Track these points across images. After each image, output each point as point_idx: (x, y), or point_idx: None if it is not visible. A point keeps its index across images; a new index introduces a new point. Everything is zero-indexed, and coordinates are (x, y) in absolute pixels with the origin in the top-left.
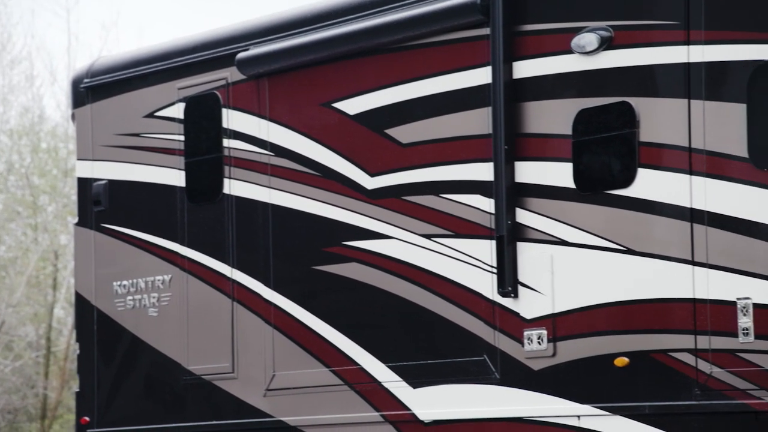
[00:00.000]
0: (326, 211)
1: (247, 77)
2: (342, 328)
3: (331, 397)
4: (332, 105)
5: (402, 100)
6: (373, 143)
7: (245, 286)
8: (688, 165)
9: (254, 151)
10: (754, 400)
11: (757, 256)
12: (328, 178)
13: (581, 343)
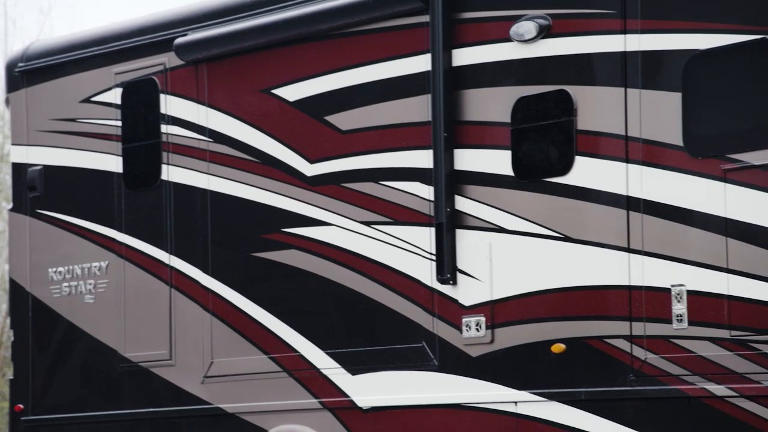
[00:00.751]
0: (265, 198)
1: (185, 63)
2: (281, 315)
3: (269, 384)
4: (272, 91)
5: (342, 86)
6: (313, 130)
7: (183, 272)
8: (624, 153)
9: (193, 137)
10: (687, 386)
11: (691, 244)
12: (267, 165)
13: (519, 329)
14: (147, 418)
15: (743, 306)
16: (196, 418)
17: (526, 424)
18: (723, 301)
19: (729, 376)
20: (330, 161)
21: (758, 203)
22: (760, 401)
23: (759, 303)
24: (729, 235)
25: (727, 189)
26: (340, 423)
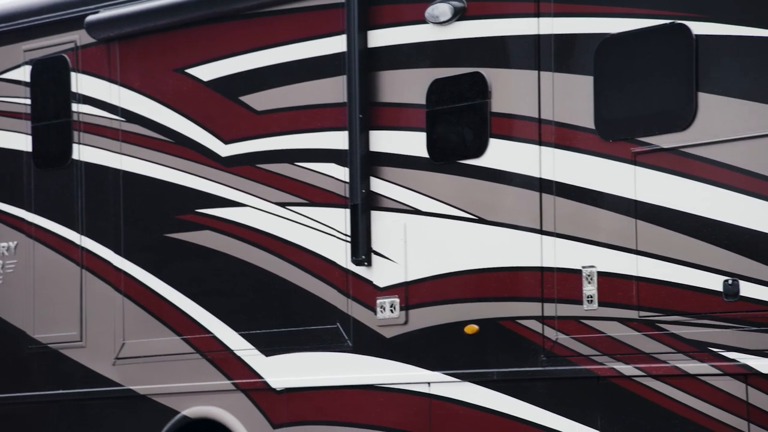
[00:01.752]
0: (179, 178)
1: (96, 41)
2: (194, 296)
3: (182, 366)
4: (186, 71)
5: (257, 67)
6: (228, 110)
7: (94, 253)
8: (537, 136)
9: (104, 116)
10: (596, 366)
11: (601, 226)
12: (181, 145)
13: (433, 311)
14: (56, 401)
15: (651, 287)
16: (107, 400)
17: (438, 404)
18: (632, 282)
19: (637, 356)
20: (245, 142)
21: (666, 186)
22: (667, 380)
23: (666, 284)
24: (638, 217)
25: (636, 171)
26: (253, 404)
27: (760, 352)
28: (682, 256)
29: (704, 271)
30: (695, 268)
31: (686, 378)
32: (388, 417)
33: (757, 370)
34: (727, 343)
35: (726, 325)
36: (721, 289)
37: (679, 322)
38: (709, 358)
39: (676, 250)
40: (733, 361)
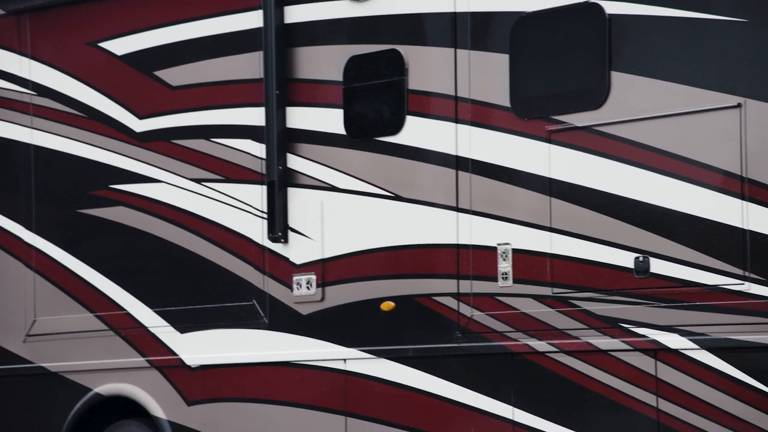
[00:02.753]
0: (92, 154)
1: (5, 12)
2: (108, 272)
3: (95, 343)
4: (99, 44)
5: (172, 41)
6: (142, 85)
7: (4, 229)
8: (454, 113)
9: (14, 89)
10: (510, 342)
11: (516, 203)
12: (94, 120)
13: (349, 288)
14: None
15: (565, 264)
16: (17, 377)
17: (354, 381)
18: (546, 259)
19: (550, 332)
20: (160, 117)
21: (580, 164)
22: (579, 356)
23: (579, 261)
24: (553, 194)
25: (551, 149)
26: (168, 382)
27: (669, 328)
28: (595, 234)
29: (616, 248)
30: (607, 245)
31: (597, 353)
32: (303, 394)
33: (666, 346)
34: (637, 319)
35: (636, 302)
36: (632, 266)
37: (591, 298)
38: (619, 333)
39: (589, 228)
40: (643, 337)
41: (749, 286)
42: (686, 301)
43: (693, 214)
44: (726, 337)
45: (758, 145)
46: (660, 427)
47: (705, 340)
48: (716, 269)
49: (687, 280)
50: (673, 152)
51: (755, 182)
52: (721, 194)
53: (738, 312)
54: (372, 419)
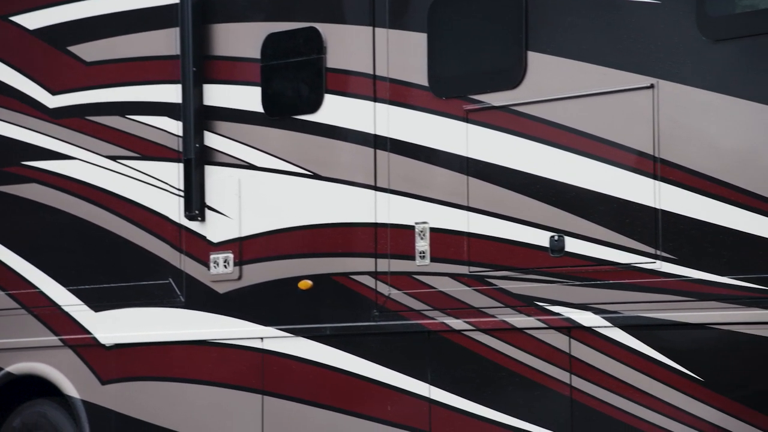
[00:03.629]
0: (4, 130)
1: None
2: (20, 250)
3: (6, 321)
4: (10, 18)
5: (86, 16)
6: (55, 60)
7: None
8: (372, 92)
9: None
10: (427, 320)
11: (434, 182)
12: (6, 95)
13: (267, 266)
14: None
15: (481, 243)
16: None
17: (271, 359)
18: (463, 238)
19: (467, 311)
20: (74, 93)
21: (497, 143)
22: (494, 334)
23: (495, 240)
24: (470, 174)
25: (468, 129)
26: (82, 361)
27: (582, 306)
28: (511, 213)
29: (532, 227)
30: (523, 224)
31: (513, 331)
32: (220, 372)
33: (580, 324)
34: (552, 297)
35: (551, 280)
36: (547, 245)
37: (507, 277)
38: (534, 312)
39: (506, 207)
40: (558, 315)
41: (661, 265)
42: (600, 280)
43: (607, 193)
44: (638, 315)
45: (670, 126)
46: (573, 404)
47: (617, 318)
48: (629, 248)
49: (601, 259)
50: (588, 132)
51: (667, 162)
52: (634, 174)
53: (650, 290)
54: (289, 398)
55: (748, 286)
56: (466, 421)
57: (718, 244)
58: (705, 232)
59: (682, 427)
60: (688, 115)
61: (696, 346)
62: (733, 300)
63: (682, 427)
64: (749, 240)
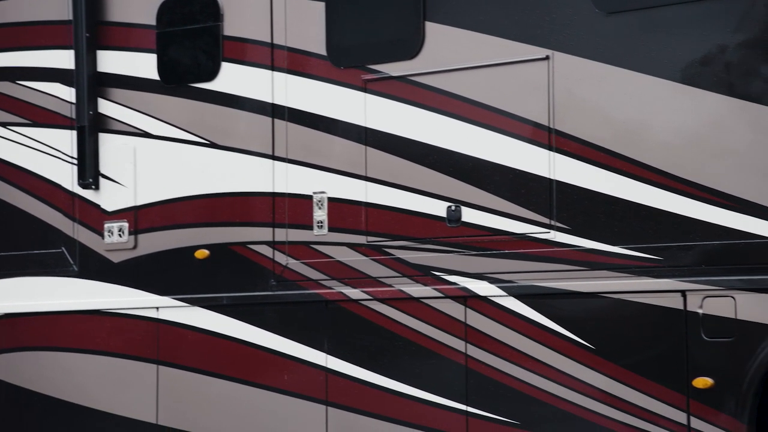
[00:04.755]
0: None
1: None
2: None
3: None
4: None
5: None
6: None
7: None
8: (270, 60)
9: None
10: (325, 290)
11: (332, 152)
12: None
13: (163, 235)
14: None
15: (379, 213)
16: None
17: (166, 329)
18: (361, 208)
19: (364, 280)
20: None
21: (395, 113)
22: (392, 304)
23: (393, 210)
24: (368, 144)
25: (366, 99)
26: None
27: (479, 276)
28: (409, 183)
29: (429, 198)
30: (421, 194)
31: (410, 301)
32: (114, 342)
33: (476, 293)
34: (448, 267)
35: (448, 250)
36: (444, 215)
37: (404, 246)
38: (431, 281)
39: (403, 177)
40: (454, 285)
41: (555, 235)
42: (495, 249)
43: (503, 164)
44: (532, 284)
45: (565, 97)
46: (468, 372)
47: (512, 287)
48: (524, 218)
49: (496, 229)
50: (485, 103)
51: (562, 133)
52: (529, 145)
53: (544, 260)
54: (185, 367)
55: (638, 256)
56: (362, 389)
57: (610, 214)
58: (597, 203)
59: (574, 394)
60: (582, 87)
61: (588, 314)
62: (623, 269)
63: (573, 393)
64: (640, 210)
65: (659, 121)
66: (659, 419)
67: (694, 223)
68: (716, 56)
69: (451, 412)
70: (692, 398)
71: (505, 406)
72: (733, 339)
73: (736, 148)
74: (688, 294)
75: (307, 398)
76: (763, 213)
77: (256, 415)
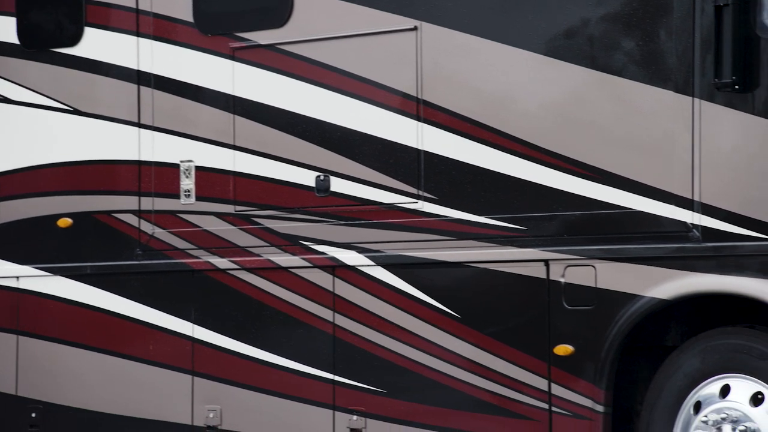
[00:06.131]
0: None
1: None
2: None
3: None
4: None
5: None
6: None
7: None
8: (135, 26)
9: None
10: (192, 259)
11: (200, 121)
12: None
13: (24, 203)
14: None
15: (248, 182)
16: None
17: (27, 298)
18: (229, 177)
19: (232, 250)
20: None
21: (263, 82)
22: (260, 273)
23: (261, 179)
24: (236, 112)
25: (234, 67)
26: None
27: (347, 245)
28: (278, 152)
29: (298, 167)
30: (289, 163)
31: (278, 270)
32: None
33: (344, 262)
34: (317, 237)
35: (317, 219)
36: (313, 185)
37: (273, 216)
38: (300, 251)
39: (272, 146)
40: (322, 254)
41: (422, 205)
42: (364, 219)
43: (372, 134)
44: (400, 254)
45: (433, 68)
46: (336, 341)
47: (380, 257)
48: (393, 188)
49: (365, 199)
50: (354, 72)
51: (429, 104)
52: (398, 115)
53: (412, 230)
54: (46, 338)
55: (504, 226)
56: (230, 359)
57: (476, 184)
58: (464, 173)
59: (440, 362)
60: (449, 58)
61: (454, 283)
62: (489, 239)
63: (439, 362)
64: (505, 181)
65: (524, 93)
66: (522, 386)
67: (557, 194)
68: (579, 29)
69: (319, 381)
70: (553, 365)
71: (371, 375)
72: (593, 307)
73: (597, 120)
74: (551, 263)
75: (173, 368)
76: (623, 184)
77: (121, 385)
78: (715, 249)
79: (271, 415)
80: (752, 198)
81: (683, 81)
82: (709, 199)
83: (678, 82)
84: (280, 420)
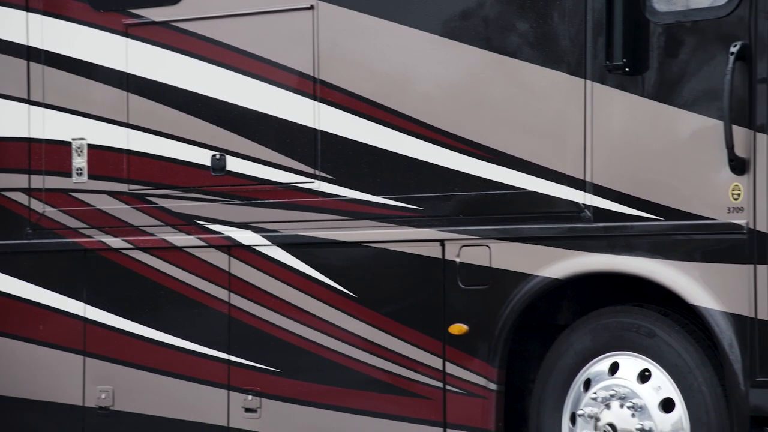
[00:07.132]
0: None
1: None
2: None
3: None
4: None
5: None
6: None
7: None
8: (25, 1)
9: None
10: (84, 239)
11: (92, 98)
12: None
13: None
14: None
15: (142, 160)
16: None
17: None
18: (123, 155)
19: (126, 229)
20: None
21: (157, 60)
22: (154, 253)
23: (156, 158)
24: (130, 90)
25: (128, 44)
26: None
27: (243, 225)
28: (172, 131)
29: (193, 146)
30: (185, 142)
31: (173, 250)
32: None
33: (240, 242)
34: (213, 216)
35: (212, 199)
36: (209, 164)
37: (168, 195)
38: (195, 230)
39: (167, 125)
40: (218, 234)
41: (319, 185)
42: (260, 199)
43: (268, 113)
44: (296, 233)
45: (329, 47)
46: (231, 321)
47: (276, 237)
48: (289, 168)
49: (261, 178)
50: (250, 51)
51: (326, 83)
52: (295, 94)
53: (308, 209)
54: None
55: (399, 206)
56: (123, 339)
57: (373, 164)
58: (361, 153)
59: (336, 342)
60: (346, 38)
61: (350, 263)
62: (386, 219)
63: (335, 341)
64: (402, 161)
65: (420, 74)
66: (417, 365)
67: (452, 174)
68: (475, 11)
69: (214, 361)
70: (448, 344)
71: (267, 355)
72: (488, 286)
73: (492, 101)
74: (446, 243)
75: (64, 349)
76: (517, 164)
77: (10, 366)
78: (606, 229)
79: (164, 396)
80: (642, 179)
81: (576, 63)
82: (600, 180)
83: (571, 64)
84: (174, 400)
